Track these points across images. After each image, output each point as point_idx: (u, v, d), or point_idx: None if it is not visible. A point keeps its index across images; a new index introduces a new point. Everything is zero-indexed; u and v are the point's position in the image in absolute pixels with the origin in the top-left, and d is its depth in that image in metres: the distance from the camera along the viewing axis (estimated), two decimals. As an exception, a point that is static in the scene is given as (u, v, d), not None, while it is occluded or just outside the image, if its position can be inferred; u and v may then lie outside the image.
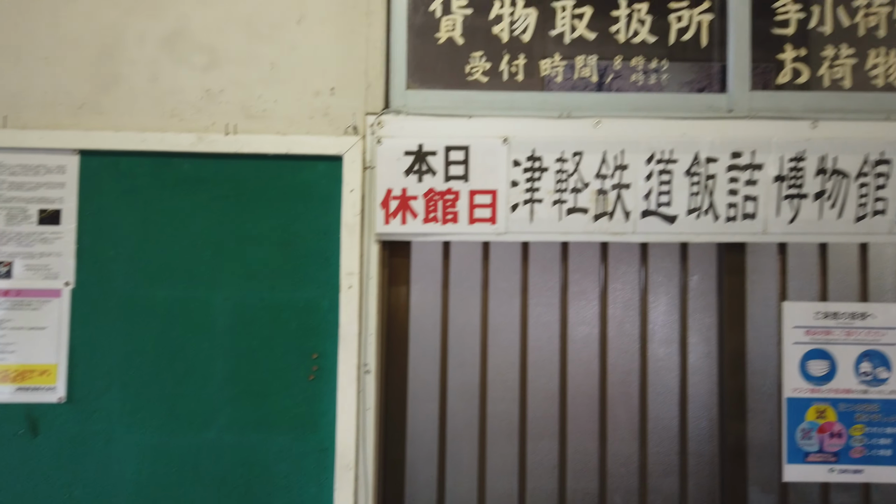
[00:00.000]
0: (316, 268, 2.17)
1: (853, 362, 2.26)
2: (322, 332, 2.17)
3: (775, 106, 2.24)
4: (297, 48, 2.18)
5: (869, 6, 2.29)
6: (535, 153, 2.21)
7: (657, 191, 2.21)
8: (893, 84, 2.29)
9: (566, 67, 2.34)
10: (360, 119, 2.19)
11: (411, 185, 2.20)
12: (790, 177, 2.19)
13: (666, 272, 2.46)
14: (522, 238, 2.23)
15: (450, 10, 2.31)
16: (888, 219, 2.20)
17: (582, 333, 2.45)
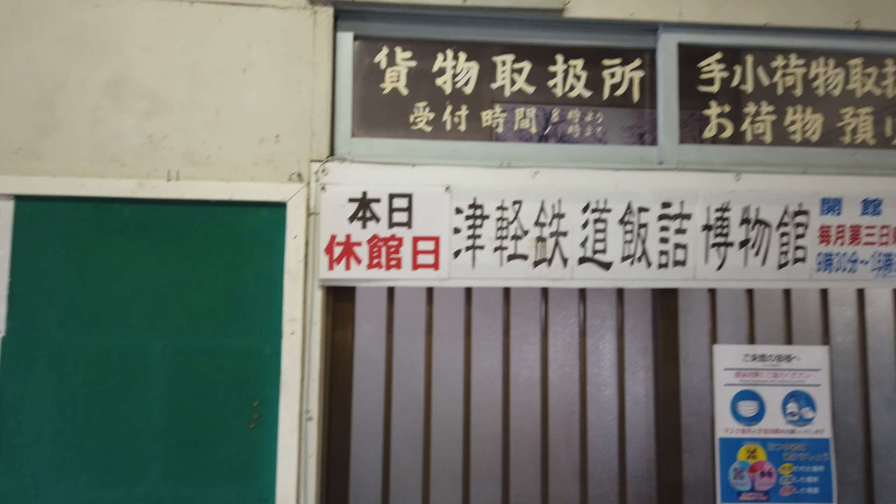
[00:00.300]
0: (258, 314, 2.16)
1: (780, 403, 2.36)
2: (264, 379, 2.15)
3: (702, 159, 2.38)
4: (242, 96, 2.21)
5: (786, 67, 2.47)
6: (477, 201, 2.27)
7: (593, 238, 2.29)
8: (810, 139, 2.46)
9: (507, 119, 2.43)
10: (304, 166, 2.22)
11: (355, 232, 2.23)
12: (717, 226, 2.31)
13: (604, 316, 2.54)
14: (465, 283, 2.28)
15: (394, 61, 2.38)
16: (808, 266, 2.34)
17: (524, 376, 2.50)
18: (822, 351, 2.39)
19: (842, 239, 2.34)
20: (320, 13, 2.26)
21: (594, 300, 2.48)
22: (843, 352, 2.57)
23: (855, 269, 2.36)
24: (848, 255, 2.35)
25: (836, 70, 2.47)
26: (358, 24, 2.34)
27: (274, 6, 2.24)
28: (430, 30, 2.38)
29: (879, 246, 2.36)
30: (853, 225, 2.35)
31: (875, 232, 2.36)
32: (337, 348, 2.30)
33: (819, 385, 2.37)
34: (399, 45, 2.38)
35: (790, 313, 2.42)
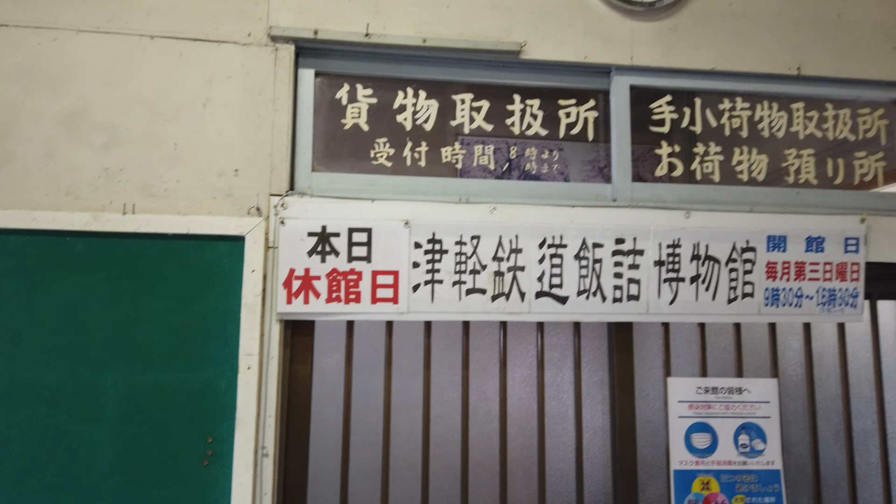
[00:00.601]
0: (214, 349, 2.14)
1: (732, 435, 2.41)
2: (218, 415, 2.12)
3: (654, 196, 2.45)
4: (201, 130, 2.22)
5: (733, 110, 2.58)
6: (436, 236, 2.30)
7: (550, 273, 2.34)
8: (756, 179, 2.56)
9: (466, 155, 2.48)
10: (263, 200, 2.23)
11: (314, 266, 2.23)
12: (669, 262, 2.38)
13: (562, 349, 2.58)
14: (424, 317, 2.29)
15: (356, 98, 2.42)
16: (756, 301, 2.42)
17: (483, 409, 2.51)
18: (771, 383, 2.46)
19: (787, 275, 2.43)
20: (281, 50, 2.29)
21: (552, 333, 2.52)
22: (791, 384, 2.65)
23: (801, 304, 2.44)
24: (794, 290, 2.44)
25: (780, 113, 2.59)
26: (319, 62, 2.38)
27: (235, 42, 2.26)
28: (391, 68, 2.43)
29: (823, 282, 2.45)
30: (798, 261, 2.44)
31: (819, 268, 2.45)
32: (295, 383, 2.28)
33: (769, 417, 2.43)
34: (360, 82, 2.42)
35: (740, 347, 2.49)
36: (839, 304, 2.46)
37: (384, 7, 2.37)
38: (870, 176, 2.63)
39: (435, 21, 2.39)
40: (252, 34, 2.27)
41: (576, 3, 2.47)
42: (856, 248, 2.47)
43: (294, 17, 2.30)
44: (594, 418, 2.57)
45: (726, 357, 2.56)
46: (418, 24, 2.38)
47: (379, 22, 2.35)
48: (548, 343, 2.50)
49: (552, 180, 2.52)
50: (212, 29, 2.25)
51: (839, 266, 2.46)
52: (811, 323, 2.52)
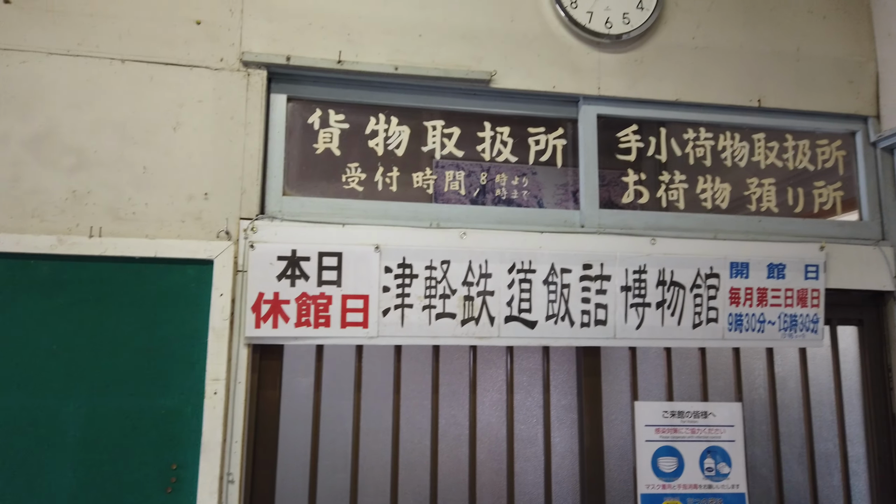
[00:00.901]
0: (180, 373, 2.12)
1: (698, 458, 2.44)
2: (184, 441, 2.10)
3: (621, 223, 2.50)
4: (172, 153, 2.22)
5: (697, 139, 2.65)
6: (406, 260, 2.32)
7: (519, 298, 2.36)
8: (719, 207, 2.62)
9: (437, 181, 2.51)
10: (233, 224, 2.23)
11: (284, 290, 2.23)
12: (635, 287, 2.42)
13: (531, 373, 2.59)
14: (394, 342, 2.30)
15: (328, 123, 2.44)
16: (720, 326, 2.47)
17: (452, 434, 2.51)
18: (736, 407, 2.50)
19: (750, 301, 2.49)
20: (254, 75, 2.31)
21: (522, 357, 2.53)
22: (756, 407, 2.69)
23: (763, 330, 2.50)
24: (756, 315, 2.49)
25: (742, 143, 2.67)
26: (292, 87, 2.40)
27: (207, 67, 2.27)
28: (363, 94, 2.46)
29: (785, 307, 2.51)
30: (760, 288, 2.50)
31: (780, 294, 2.51)
32: (263, 407, 2.26)
33: (734, 441, 2.47)
34: (333, 108, 2.44)
35: (706, 371, 2.53)
36: (800, 330, 2.52)
37: (357, 35, 2.40)
38: (828, 205, 2.72)
39: (407, 49, 2.43)
40: (224, 59, 2.29)
41: (545, 35, 2.53)
42: (815, 274, 2.54)
43: (267, 43, 2.33)
44: (563, 442, 2.58)
45: (692, 381, 2.60)
46: (391, 52, 2.41)
47: (351, 49, 2.39)
48: (517, 367, 2.52)
49: (523, 205, 2.56)
50: (184, 53, 2.26)
51: (800, 292, 2.52)
52: (774, 348, 2.58)
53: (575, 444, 2.52)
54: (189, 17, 2.29)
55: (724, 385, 2.62)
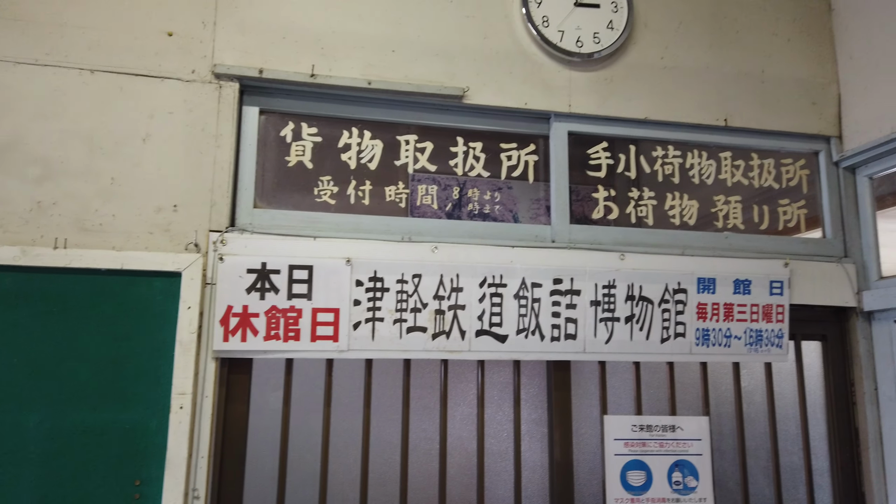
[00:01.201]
0: (145, 387, 2.09)
1: (666, 472, 2.46)
2: (148, 456, 2.06)
3: (591, 238, 2.53)
4: (140, 165, 2.20)
5: (665, 157, 2.70)
6: (378, 274, 2.32)
7: (490, 312, 2.37)
8: (687, 223, 2.67)
9: (410, 194, 2.52)
10: (202, 236, 2.21)
11: (253, 303, 2.21)
12: (604, 302, 2.45)
13: (502, 387, 2.59)
14: (364, 355, 2.29)
15: (300, 136, 2.44)
16: (688, 340, 2.50)
17: (423, 448, 2.50)
18: (703, 421, 2.53)
19: (717, 316, 2.53)
20: (226, 87, 2.30)
21: (493, 371, 2.54)
22: (723, 421, 2.72)
23: (730, 344, 2.54)
24: (723, 330, 2.53)
25: (709, 161, 2.73)
26: (264, 100, 2.40)
27: (178, 79, 2.26)
28: (336, 108, 2.46)
29: (751, 322, 2.56)
30: (726, 303, 2.54)
31: (746, 310, 2.56)
32: (230, 422, 2.24)
33: (701, 454, 2.50)
34: (305, 121, 2.45)
35: (674, 385, 2.56)
36: (766, 345, 2.57)
37: (330, 49, 2.41)
38: (793, 222, 2.78)
39: (380, 64, 2.44)
40: (196, 71, 2.28)
41: (517, 52, 2.57)
42: (780, 290, 2.59)
43: (239, 56, 2.33)
44: (533, 456, 2.58)
45: (661, 395, 2.62)
46: (364, 66, 2.43)
47: (325, 63, 2.39)
48: (488, 381, 2.52)
49: (499, 219, 2.58)
50: (155, 65, 2.25)
51: (765, 308, 2.57)
52: (740, 362, 2.62)
53: (545, 458, 2.52)
54: (161, 29, 2.28)
55: (692, 399, 2.65)
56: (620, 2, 2.66)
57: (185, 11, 2.31)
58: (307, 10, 2.42)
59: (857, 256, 2.71)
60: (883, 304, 2.56)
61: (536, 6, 2.59)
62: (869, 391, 2.63)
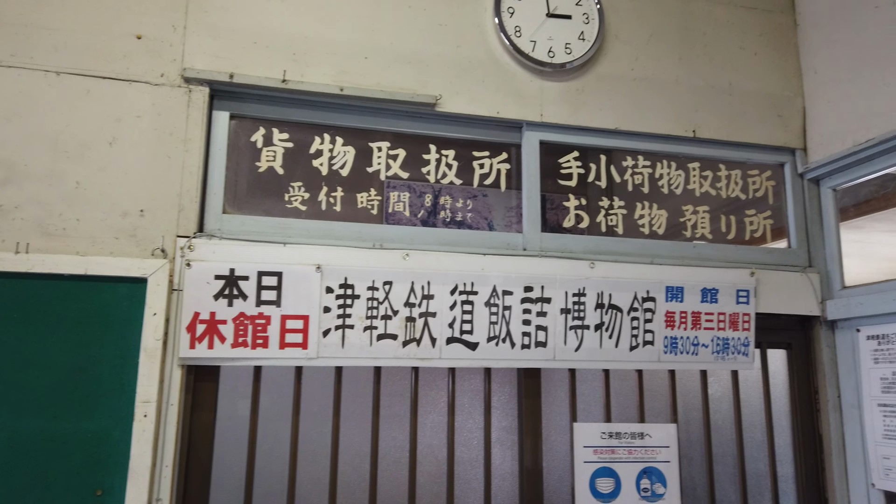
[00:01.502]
0: (109, 395, 2.05)
1: (634, 479, 2.48)
2: (110, 466, 2.02)
3: (561, 246, 2.55)
4: (107, 169, 2.16)
5: (635, 167, 2.73)
6: (348, 281, 2.31)
7: (461, 319, 2.38)
8: (656, 232, 2.70)
9: (382, 201, 2.51)
10: (170, 241, 2.18)
11: (221, 310, 2.19)
12: (574, 310, 2.46)
13: (473, 395, 2.60)
14: (334, 363, 2.28)
15: (271, 141, 2.42)
16: (656, 348, 2.53)
17: (393, 457, 2.49)
18: (671, 428, 2.56)
19: (685, 324, 2.56)
20: (195, 92, 2.28)
21: (464, 379, 2.54)
22: (692, 428, 2.76)
23: (697, 352, 2.57)
24: (691, 338, 2.56)
25: (678, 172, 2.77)
26: (235, 105, 2.38)
27: (147, 82, 2.24)
28: (308, 114, 2.45)
29: (718, 331, 2.60)
30: (694, 311, 2.57)
31: (713, 318, 2.60)
32: (196, 430, 2.20)
33: (669, 461, 2.52)
34: (277, 126, 2.43)
35: (642, 392, 2.58)
36: (732, 353, 2.60)
37: (302, 55, 2.41)
38: (759, 232, 2.83)
39: (353, 70, 2.44)
40: (165, 75, 2.26)
41: (489, 61, 2.59)
42: (746, 299, 2.63)
43: (210, 60, 2.31)
44: (504, 464, 2.58)
45: (630, 402, 2.64)
46: (336, 72, 2.42)
47: (297, 69, 2.39)
48: (459, 389, 2.52)
49: (474, 227, 2.59)
50: (123, 68, 2.22)
51: (732, 316, 2.61)
52: (707, 370, 2.65)
53: (515, 466, 2.53)
54: (129, 32, 2.25)
55: (661, 406, 2.68)
56: (592, 13, 2.69)
57: (154, 15, 2.29)
58: (279, 15, 2.41)
59: (822, 266, 2.77)
60: (846, 313, 2.62)
61: (509, 16, 2.61)
62: (832, 398, 2.68)
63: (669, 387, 2.61)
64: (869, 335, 2.55)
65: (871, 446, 2.51)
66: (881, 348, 2.50)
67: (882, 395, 2.48)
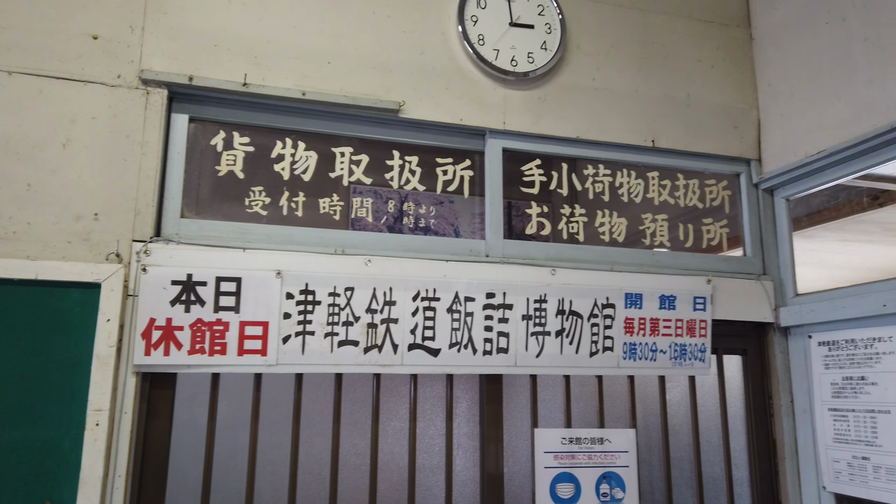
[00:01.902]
0: (59, 404, 1.99)
1: (594, 484, 2.51)
2: (60, 476, 1.96)
3: (523, 253, 2.57)
4: (60, 171, 2.11)
5: (596, 176, 2.77)
6: (309, 287, 2.29)
7: (423, 326, 2.37)
8: (616, 240, 2.75)
9: (343, 207, 2.50)
10: (125, 246, 2.14)
11: (177, 316, 2.15)
12: (535, 316, 2.48)
13: (434, 401, 2.60)
14: (294, 370, 2.25)
15: (232, 145, 2.39)
16: (616, 354, 2.56)
17: (354, 464, 2.47)
18: (630, 433, 2.59)
19: (643, 330, 2.60)
20: (153, 94, 2.24)
21: (426, 385, 2.54)
22: (651, 433, 2.80)
23: (655, 358, 2.61)
24: (649, 344, 2.61)
25: (638, 180, 2.82)
26: (194, 108, 2.35)
27: (103, 83, 2.19)
28: (269, 118, 2.43)
29: (675, 337, 2.64)
30: (653, 318, 2.62)
31: (671, 325, 2.64)
32: (151, 439, 2.16)
33: (628, 466, 2.55)
34: (237, 130, 2.41)
35: (602, 398, 2.62)
36: (689, 359, 2.65)
37: (264, 58, 2.39)
38: (715, 241, 2.89)
39: (315, 75, 2.43)
40: (122, 76, 2.21)
41: (452, 69, 2.60)
42: (703, 306, 2.69)
43: (168, 62, 2.27)
44: (465, 470, 2.59)
45: (590, 408, 2.67)
46: (298, 77, 2.41)
47: (258, 72, 2.36)
48: (421, 395, 2.52)
49: (440, 233, 2.59)
50: (78, 68, 2.17)
51: (689, 323, 2.66)
52: (665, 376, 2.69)
53: (476, 472, 2.53)
54: (85, 32, 2.21)
55: (620, 412, 2.71)
56: (554, 23, 2.73)
57: (111, 15, 2.24)
58: (241, 18, 2.39)
59: (775, 274, 2.85)
60: (798, 319, 2.69)
61: (472, 24, 2.63)
62: (785, 403, 2.75)
63: (629, 392, 2.65)
64: (820, 341, 2.62)
65: (822, 450, 2.58)
66: (831, 354, 2.57)
67: (832, 400, 2.55)
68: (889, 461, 2.29)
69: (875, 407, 2.37)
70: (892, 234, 4.24)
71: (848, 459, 2.45)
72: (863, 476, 2.39)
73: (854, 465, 2.43)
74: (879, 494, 2.31)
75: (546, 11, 2.74)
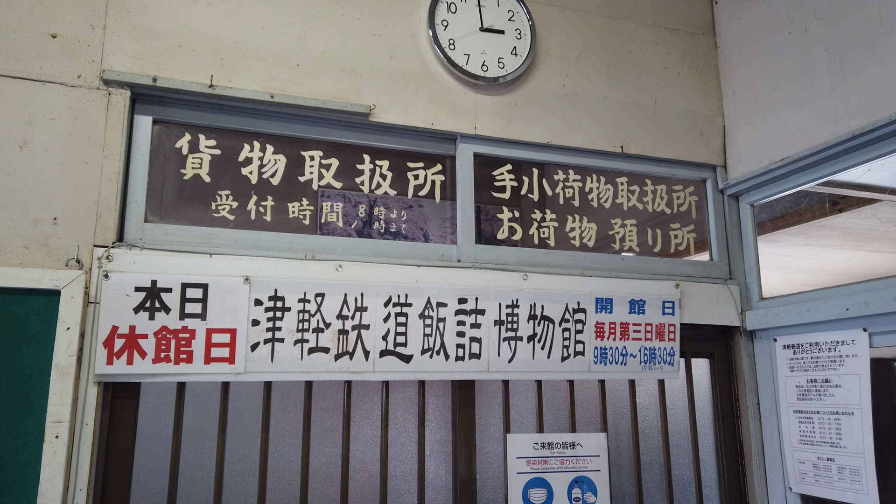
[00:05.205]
0: (15, 416, 1.91)
1: (566, 489, 2.51)
2: (17, 491, 1.88)
3: (495, 258, 2.57)
4: (15, 173, 2.03)
5: (566, 181, 2.79)
6: (279, 293, 2.24)
7: (394, 332, 2.35)
8: (587, 245, 2.76)
9: (314, 212, 2.46)
10: (86, 251, 2.06)
11: (141, 323, 2.08)
12: (508, 321, 2.48)
13: (406, 408, 2.57)
14: (262, 378, 2.21)
15: (198, 148, 2.34)
16: (587, 359, 2.57)
17: (324, 473, 2.42)
18: (601, 437, 2.60)
19: (614, 335, 2.62)
20: (115, 95, 2.17)
21: (398, 391, 2.51)
22: (620, 437, 2.81)
23: (626, 362, 2.63)
24: (619, 349, 2.62)
25: (607, 186, 2.84)
26: (158, 109, 2.29)
27: (62, 84, 2.12)
28: (237, 120, 2.39)
29: (645, 341, 2.67)
30: (622, 322, 2.64)
31: (641, 329, 2.67)
32: (114, 451, 2.09)
33: (599, 470, 2.56)
34: (203, 133, 2.35)
35: (574, 402, 2.62)
36: (659, 362, 2.68)
37: (231, 60, 2.34)
38: (683, 245, 2.93)
39: (283, 77, 2.39)
40: (82, 76, 2.15)
41: (423, 73, 2.59)
42: (672, 310, 2.72)
43: (131, 63, 2.21)
44: (438, 476, 2.56)
45: (562, 412, 2.68)
46: (266, 79, 2.37)
47: (224, 74, 2.32)
48: (393, 401, 2.49)
49: (409, 238, 2.57)
50: (35, 67, 2.10)
51: (658, 327, 2.69)
52: (635, 379, 2.71)
53: (449, 479, 2.51)
54: (43, 30, 2.13)
55: (592, 416, 2.72)
56: (524, 29, 2.74)
57: (70, 13, 2.17)
58: (206, 18, 2.34)
59: (741, 278, 2.90)
60: (763, 323, 2.74)
61: (443, 29, 2.63)
62: (752, 406, 2.79)
63: (599, 396, 2.66)
64: (785, 344, 2.67)
65: (787, 451, 2.62)
66: (796, 357, 2.62)
67: (797, 402, 2.60)
68: (853, 462, 2.34)
69: (839, 409, 2.42)
70: (851, 239, 4.37)
71: (813, 461, 2.50)
72: (828, 477, 2.43)
73: (819, 466, 2.47)
74: (844, 495, 2.36)
75: (516, 17, 2.75)
